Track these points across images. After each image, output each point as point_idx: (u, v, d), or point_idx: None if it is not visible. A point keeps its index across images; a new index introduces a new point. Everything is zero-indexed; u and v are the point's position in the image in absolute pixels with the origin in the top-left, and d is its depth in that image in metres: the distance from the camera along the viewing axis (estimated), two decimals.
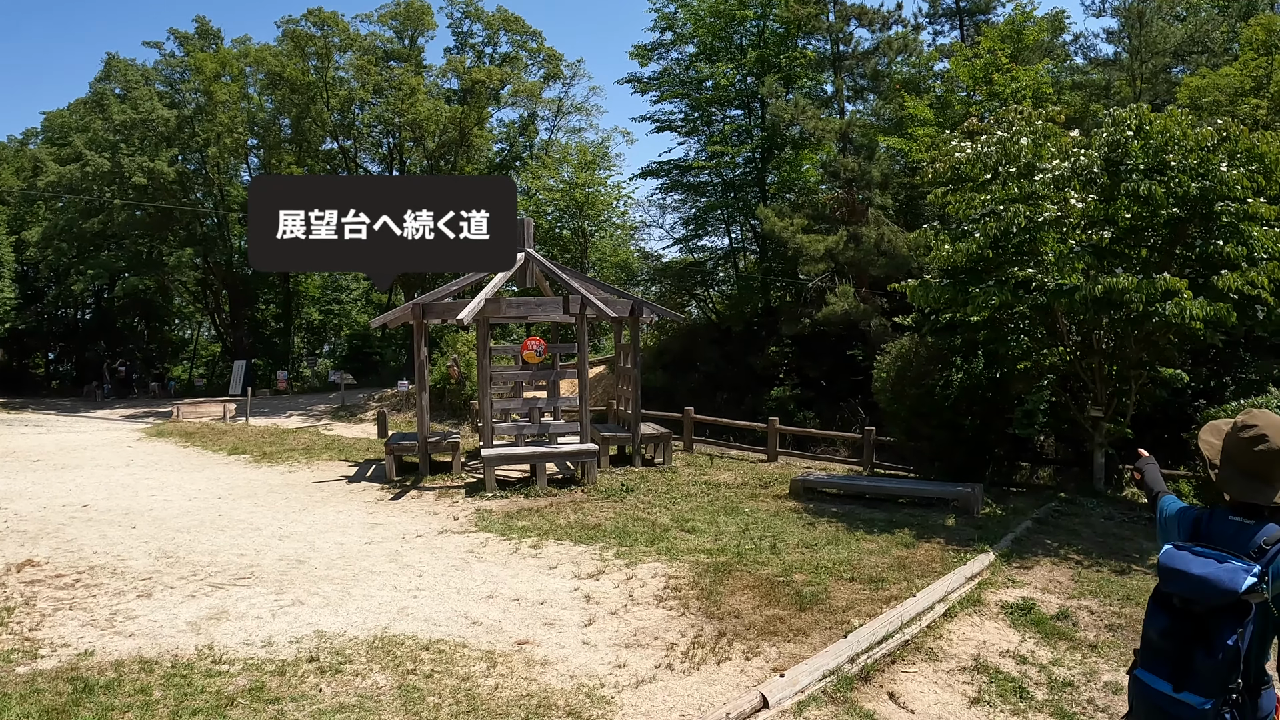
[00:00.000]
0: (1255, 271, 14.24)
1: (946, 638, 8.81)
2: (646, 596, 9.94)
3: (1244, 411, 4.02)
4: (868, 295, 29.21)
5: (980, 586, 10.55)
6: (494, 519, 13.98)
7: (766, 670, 7.76)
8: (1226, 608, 3.60)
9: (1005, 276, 15.65)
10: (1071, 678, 7.97)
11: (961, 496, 14.95)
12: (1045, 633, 9.16)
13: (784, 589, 10.18)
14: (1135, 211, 15.01)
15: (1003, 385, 17.45)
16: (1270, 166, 14.85)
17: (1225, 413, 14.49)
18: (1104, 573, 11.54)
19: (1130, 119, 15.37)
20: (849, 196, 32.17)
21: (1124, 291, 13.86)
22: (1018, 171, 15.75)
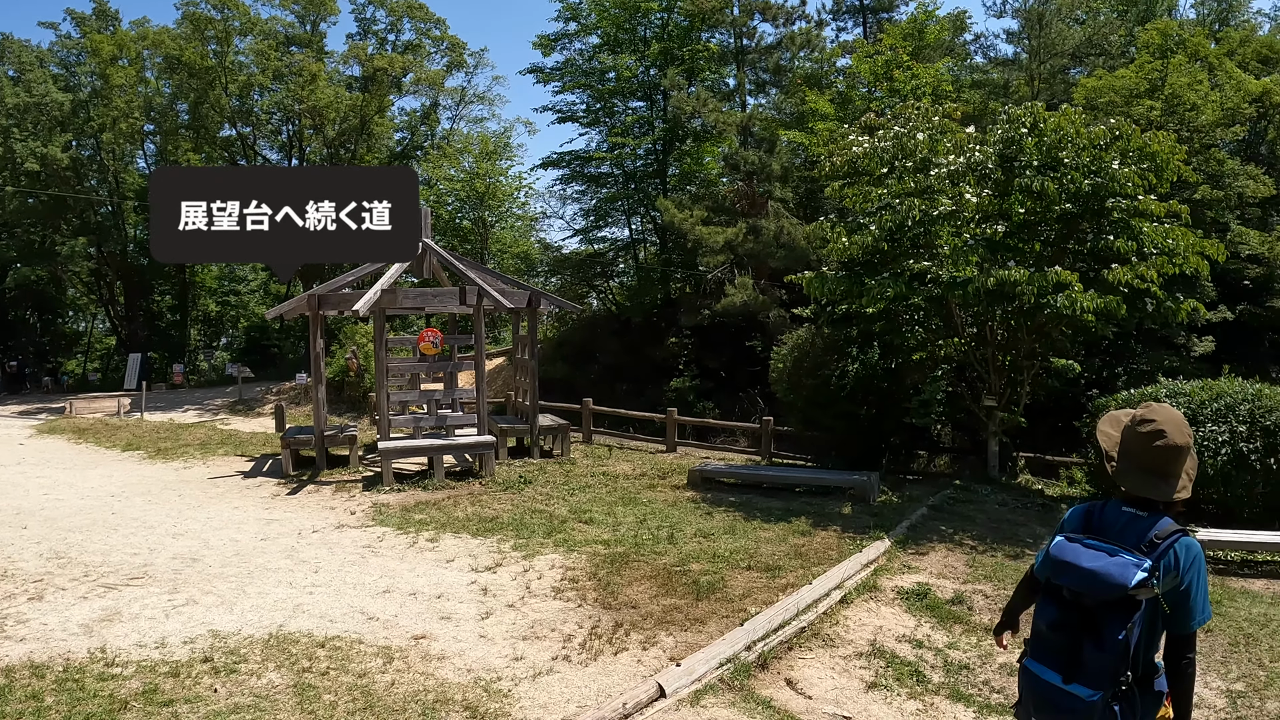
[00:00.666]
0: (1145, 266, 14.67)
1: (843, 624, 8.86)
2: (544, 588, 9.88)
3: (1143, 405, 4.07)
4: (767, 287, 29.41)
5: (876, 573, 10.65)
6: (391, 513, 13.80)
7: (664, 660, 7.75)
8: (1117, 601, 3.63)
9: (901, 269, 15.90)
10: (967, 660, 8.09)
11: (858, 485, 15.09)
12: (941, 617, 9.28)
13: (681, 579, 10.19)
14: (1029, 207, 15.32)
15: (898, 375, 17.74)
16: (1161, 165, 15.27)
17: (1116, 402, 14.94)
18: (998, 558, 11.75)
19: (1025, 116, 15.67)
20: (749, 189, 32.36)
21: (1016, 284, 14.13)
22: (914, 166, 15.98)
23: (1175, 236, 15.02)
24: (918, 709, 7.14)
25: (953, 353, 17.38)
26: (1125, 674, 3.64)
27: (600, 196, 41.62)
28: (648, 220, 40.58)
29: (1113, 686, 3.63)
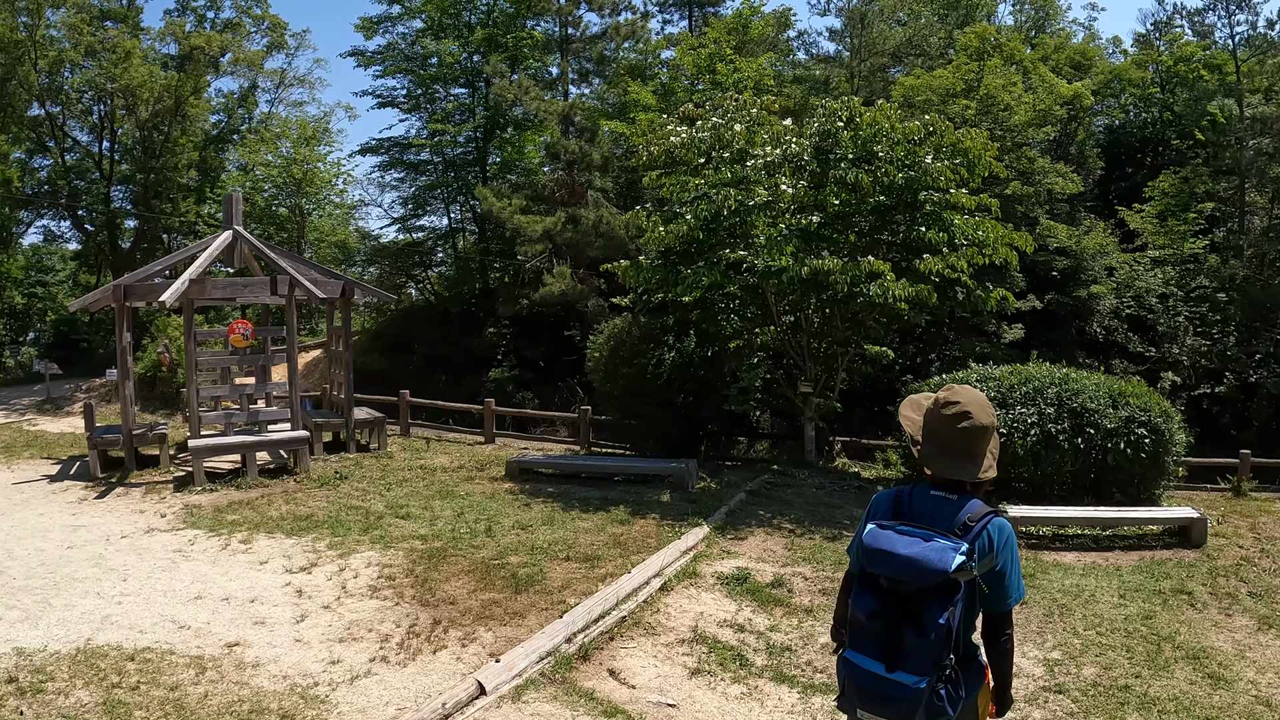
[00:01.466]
0: (956, 256, 15.14)
1: (664, 611, 8.88)
2: (360, 587, 9.64)
3: (945, 387, 4.09)
4: (585, 276, 29.39)
5: (696, 559, 10.71)
6: (203, 514, 13.24)
7: (484, 656, 7.64)
8: (936, 586, 3.61)
9: (717, 258, 16.01)
10: (789, 642, 8.19)
11: (676, 472, 15.15)
12: (761, 600, 9.39)
13: (500, 572, 10.08)
14: (844, 198, 15.66)
15: (715, 363, 17.90)
16: (973, 161, 15.80)
17: (928, 387, 15.27)
18: (816, 540, 11.95)
19: (842, 110, 15.99)
20: (569, 178, 32.27)
21: (830, 273, 14.39)
22: (731, 156, 16.14)
23: (986, 229, 15.52)
24: (742, 692, 7.20)
25: (769, 340, 17.65)
26: (949, 658, 3.64)
27: (420, 184, 40.84)
28: (467, 209, 40.10)
29: (937, 671, 3.62)
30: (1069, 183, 29.67)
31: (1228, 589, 11.68)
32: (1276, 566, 12.89)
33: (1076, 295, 28.93)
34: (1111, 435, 14.31)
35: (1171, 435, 14.90)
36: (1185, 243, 31.78)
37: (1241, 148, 33.71)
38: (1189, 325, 29.88)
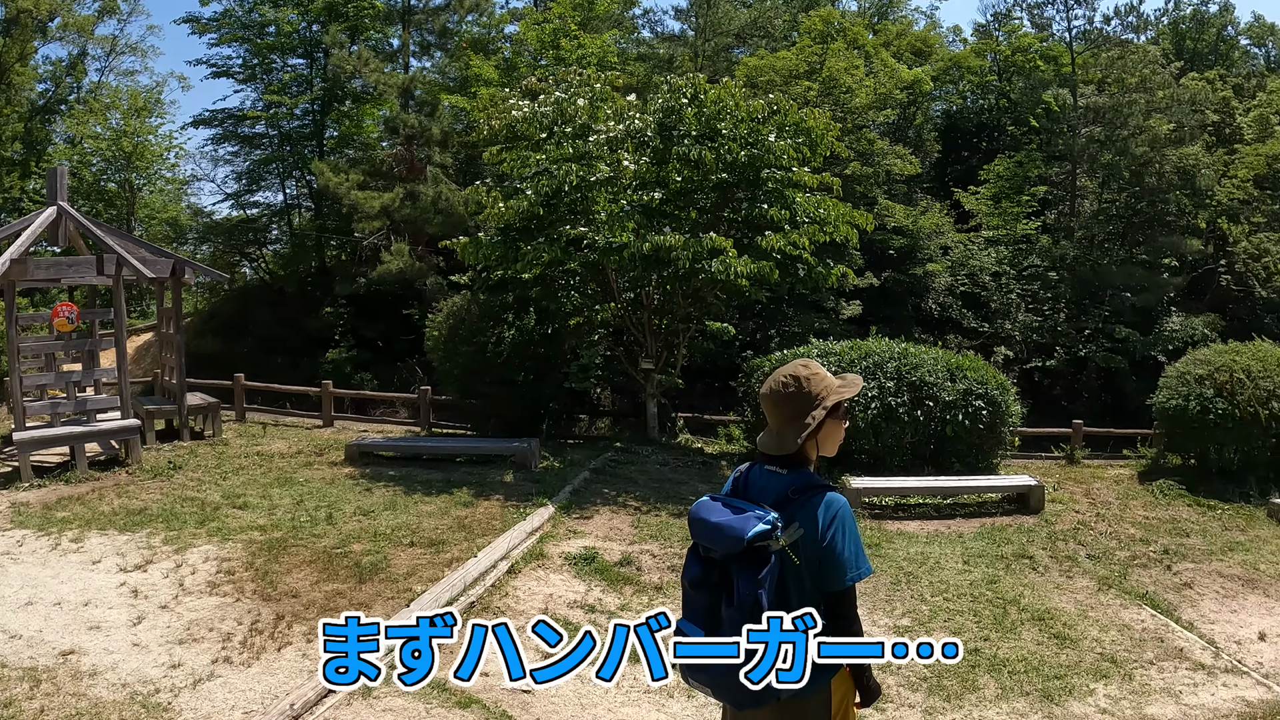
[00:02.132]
0: (797, 233, 15.31)
1: (513, 594, 8.83)
2: (199, 584, 9.25)
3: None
4: (424, 254, 28.99)
5: (542, 540, 10.66)
6: (31, 512, 12.43)
7: None
8: (744, 555, 3.62)
9: (557, 234, 15.90)
10: None
11: (519, 452, 15.02)
12: (611, 579, 9.40)
13: (343, 561, 9.83)
14: (686, 175, 15.68)
15: (556, 341, 17.83)
16: (816, 140, 16.01)
17: (769, 362, 15.68)
18: (662, 516, 12.01)
19: (686, 87, 16.00)
20: (408, 153, 31.75)
21: (672, 249, 14.41)
22: (573, 131, 16.00)
23: (827, 207, 15.75)
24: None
25: (610, 317, 17.61)
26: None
27: (254, 159, 39.40)
28: (303, 184, 39.02)
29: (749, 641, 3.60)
30: (907, 164, 30.54)
31: (1067, 552, 12.20)
32: (1112, 530, 13.48)
33: (913, 273, 29.80)
34: (950, 407, 14.76)
35: (1007, 407, 15.51)
36: (1018, 224, 33.08)
37: (1074, 135, 35.26)
38: (1021, 302, 31.12)
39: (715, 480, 14.55)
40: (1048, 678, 8.04)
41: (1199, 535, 13.85)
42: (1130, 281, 31.99)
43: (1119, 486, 16.40)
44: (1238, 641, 9.89)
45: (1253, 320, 32.56)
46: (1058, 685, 7.91)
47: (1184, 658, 9.15)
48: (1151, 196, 33.98)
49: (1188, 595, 11.28)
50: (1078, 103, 36.13)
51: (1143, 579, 11.63)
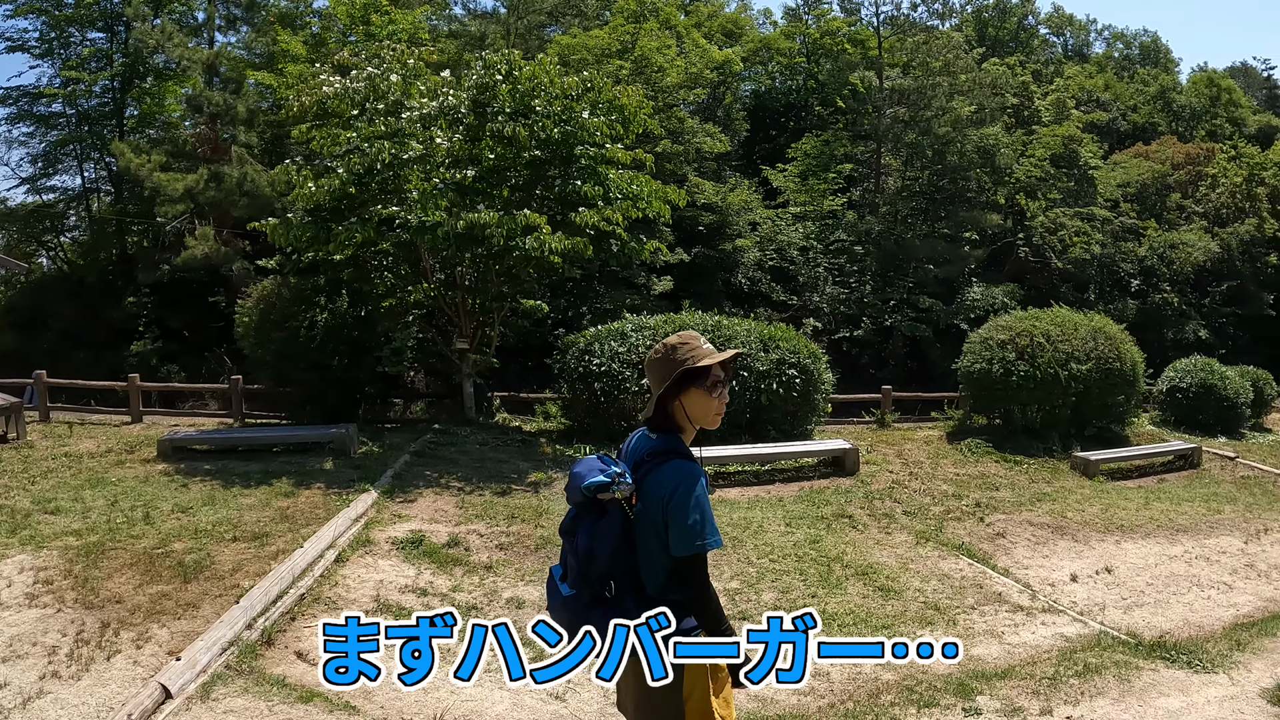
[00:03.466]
0: (611, 209, 15.34)
1: (343, 584, 8.64)
2: (15, 597, 8.61)
3: None
4: (230, 238, 28.10)
5: (368, 526, 10.47)
6: None
7: (162, 656, 7.04)
8: (588, 505, 3.75)
9: (369, 214, 15.55)
10: (474, 600, 8.21)
11: (337, 438, 14.71)
12: (440, 562, 9.32)
13: (165, 561, 9.34)
14: (500, 152, 15.55)
15: (369, 323, 17.48)
16: (629, 118, 16.09)
17: (583, 339, 15.96)
18: (486, 496, 11.97)
19: (501, 64, 15.88)
20: (213, 133, 30.75)
21: (486, 227, 14.28)
22: (385, 108, 15.70)
23: (640, 183, 15.85)
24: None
25: (423, 298, 17.41)
26: (598, 578, 3.76)
27: (51, 140, 37.50)
28: (103, 167, 37.37)
29: (587, 590, 3.77)
30: (717, 142, 31.02)
31: (884, 510, 12.67)
32: (925, 487, 14.05)
33: (723, 248, 30.37)
34: (765, 377, 15.10)
35: (819, 375, 16.01)
36: (825, 200, 34.01)
37: (880, 116, 36.50)
38: (829, 275, 32.01)
39: (535, 458, 14.55)
40: (876, 628, 8.41)
41: (1008, 488, 14.66)
42: (933, 254, 33.43)
43: (929, 447, 17.08)
44: (1052, 584, 10.59)
45: (1050, 289, 34.56)
46: (886, 634, 8.17)
47: (1003, 601, 9.69)
48: (953, 174, 35.50)
49: (1001, 544, 11.97)
50: (883, 85, 37.40)
51: (958, 531, 12.24)
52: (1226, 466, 18.17)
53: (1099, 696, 7.07)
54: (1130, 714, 6.79)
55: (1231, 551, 12.47)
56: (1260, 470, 18.03)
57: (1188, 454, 18.13)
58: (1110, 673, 7.54)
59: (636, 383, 15.08)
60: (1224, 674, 7.69)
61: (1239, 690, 7.35)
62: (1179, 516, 14.11)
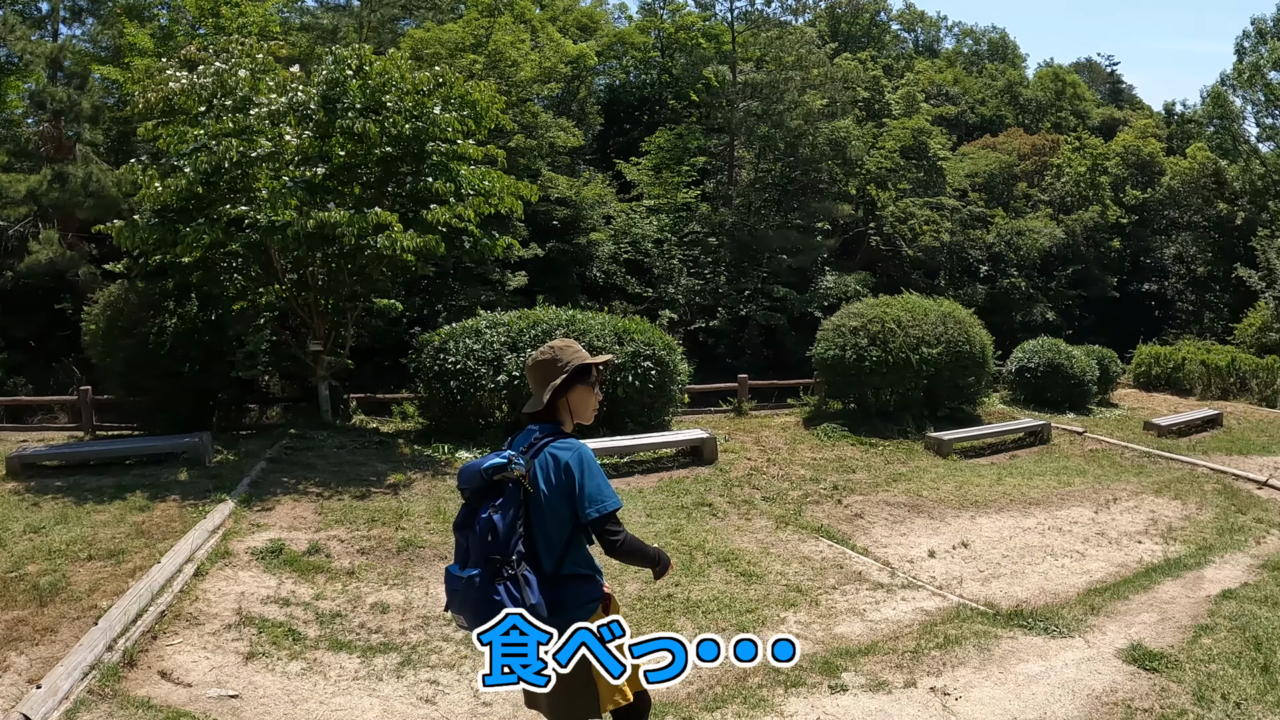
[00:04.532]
0: (463, 206, 15.31)
1: (204, 598, 8.42)
2: None
3: None
4: (76, 241, 27.16)
5: (226, 537, 10.23)
6: None
7: (22, 685, 6.74)
8: (485, 488, 4.10)
9: (218, 214, 15.20)
10: (338, 608, 8.12)
11: (191, 448, 14.31)
12: (301, 570, 9.19)
13: (19, 585, 8.94)
14: (350, 149, 15.38)
15: (220, 327, 17.00)
16: (481, 113, 16.02)
17: (440, 337, 15.88)
18: (345, 500, 11.80)
19: (351, 59, 15.66)
20: (56, 131, 29.71)
21: (336, 226, 14.09)
22: (234, 104, 15.34)
23: (491, 179, 15.78)
24: (302, 668, 7.04)
25: (274, 300, 17.07)
26: (498, 555, 4.00)
27: None
28: None
29: (488, 568, 3.99)
30: (570, 136, 31.22)
31: (744, 496, 12.90)
32: (783, 472, 14.33)
33: (577, 242, 30.58)
34: (620, 370, 15.26)
35: (675, 366, 16.24)
36: (679, 193, 34.45)
37: (733, 109, 37.04)
38: (683, 267, 32.48)
39: (394, 459, 14.41)
40: (740, 612, 8.63)
41: (864, 470, 15.09)
42: (786, 244, 34.13)
43: (786, 433, 17.42)
44: (910, 560, 10.99)
45: (901, 276, 35.63)
46: (751, 618, 8.52)
47: (864, 579, 10.01)
48: (806, 166, 36.20)
49: (860, 524, 12.37)
50: (737, 79, 37.95)
51: (817, 514, 12.57)
52: (1075, 441, 18.97)
53: (960, 666, 7.32)
54: (991, 681, 7.05)
55: (1083, 521, 13.11)
56: (1107, 443, 18.86)
57: (1038, 430, 18.95)
58: (970, 643, 7.80)
59: (492, 379, 15.06)
60: (1080, 637, 8.05)
61: (1095, 652, 7.70)
62: (1031, 490, 14.75)
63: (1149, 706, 6.61)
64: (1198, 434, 20.86)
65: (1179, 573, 10.60)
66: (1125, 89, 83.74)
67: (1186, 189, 49.94)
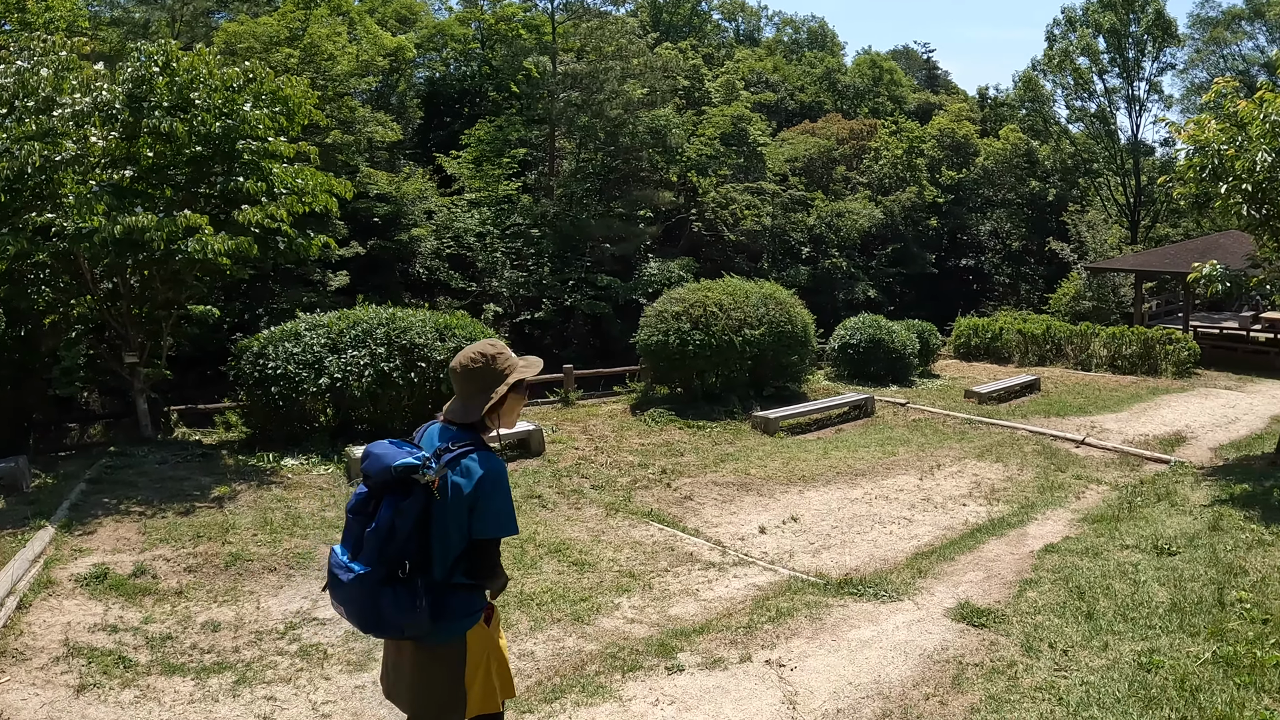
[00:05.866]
0: (275, 206, 14.90)
1: (29, 631, 8.00)
2: None
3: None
4: None
5: (49, 565, 9.73)
6: None
7: None
8: (391, 484, 4.00)
9: (23, 223, 14.57)
10: (168, 630, 7.85)
11: (7, 473, 13.49)
12: (128, 594, 8.85)
13: None
14: (159, 150, 14.92)
15: (32, 344, 16.27)
16: (294, 109, 15.67)
17: (259, 341, 15.41)
18: (169, 517, 11.40)
19: (158, 55, 15.13)
20: None
21: (145, 230, 13.60)
22: (36, 106, 14.72)
23: (305, 177, 15.45)
24: (136, 696, 6.78)
25: (87, 311, 16.43)
26: (394, 556, 3.96)
27: None
28: None
29: (383, 567, 3.94)
30: (389, 131, 30.96)
31: (573, 486, 12.98)
32: (612, 460, 14.46)
33: (399, 239, 30.38)
34: (443, 366, 15.18)
35: None
36: (500, 185, 34.52)
37: (553, 100, 37.10)
38: (507, 260, 32.56)
39: (217, 471, 13.95)
40: (574, 602, 8.67)
41: (693, 453, 15.29)
42: (609, 233, 34.51)
43: (614, 420, 17.56)
44: (741, 538, 11.18)
45: (724, 260, 36.34)
46: (585, 606, 8.58)
47: (695, 560, 10.15)
48: (627, 154, 36.58)
49: (690, 506, 12.53)
50: (557, 69, 37.94)
51: (647, 499, 12.72)
52: (899, 412, 19.54)
53: (794, 637, 7.47)
54: (825, 649, 7.22)
55: (909, 489, 13.53)
56: (929, 413, 19.49)
57: (862, 404, 19.46)
58: (803, 614, 7.98)
59: (314, 383, 14.70)
60: (909, 600, 8.33)
61: (924, 613, 7.96)
62: (857, 462, 15.14)
63: (979, 661, 6.86)
64: (1017, 399, 21.71)
65: (1003, 531, 11.06)
66: (941, 75, 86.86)
67: (1000, 168, 52.35)
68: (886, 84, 65.21)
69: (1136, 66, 53.21)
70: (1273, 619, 7.32)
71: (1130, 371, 25.66)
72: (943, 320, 30.38)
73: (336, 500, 12.16)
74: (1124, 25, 52.49)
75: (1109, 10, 52.67)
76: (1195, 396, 22.05)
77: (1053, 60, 54.14)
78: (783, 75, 60.56)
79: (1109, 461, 15.46)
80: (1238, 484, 12.71)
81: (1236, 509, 11.14)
